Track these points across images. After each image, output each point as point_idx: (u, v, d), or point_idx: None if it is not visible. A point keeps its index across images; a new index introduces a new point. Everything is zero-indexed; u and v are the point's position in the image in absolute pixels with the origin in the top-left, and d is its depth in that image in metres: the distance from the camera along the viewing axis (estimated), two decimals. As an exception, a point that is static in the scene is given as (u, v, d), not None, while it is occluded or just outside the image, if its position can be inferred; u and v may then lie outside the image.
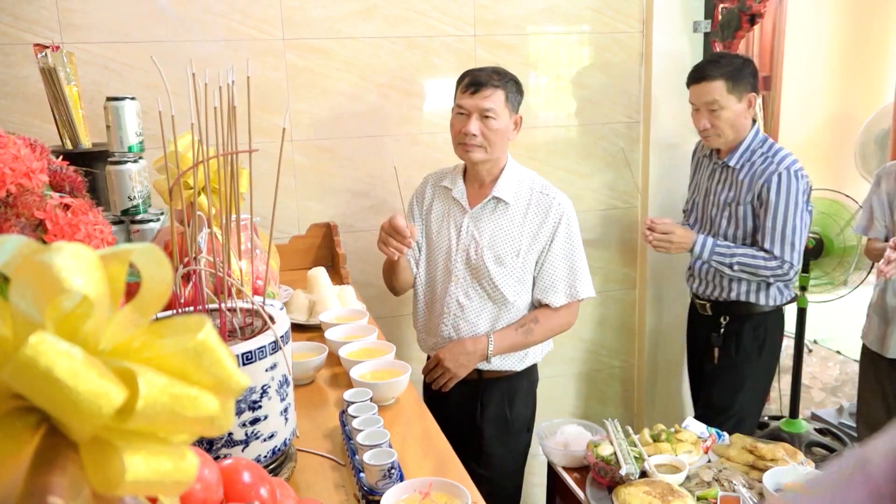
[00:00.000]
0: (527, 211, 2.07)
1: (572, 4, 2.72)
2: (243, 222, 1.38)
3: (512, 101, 2.02)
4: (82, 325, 0.41)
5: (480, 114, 1.97)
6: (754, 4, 2.62)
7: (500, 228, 2.07)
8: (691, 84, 2.41)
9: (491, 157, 2.03)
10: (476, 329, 2.12)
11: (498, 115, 1.98)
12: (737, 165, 2.42)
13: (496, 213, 2.08)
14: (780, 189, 2.31)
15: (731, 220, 2.43)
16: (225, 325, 1.09)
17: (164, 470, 0.42)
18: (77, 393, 0.37)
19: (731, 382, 2.55)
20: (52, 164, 0.96)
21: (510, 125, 2.03)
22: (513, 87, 2.03)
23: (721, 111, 2.34)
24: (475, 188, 2.12)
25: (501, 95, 1.99)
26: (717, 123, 2.36)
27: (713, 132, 2.39)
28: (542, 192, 2.08)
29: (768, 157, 2.38)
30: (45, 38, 2.13)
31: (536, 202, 2.07)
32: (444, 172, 2.23)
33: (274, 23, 2.41)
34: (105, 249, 0.46)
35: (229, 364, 0.46)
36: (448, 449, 1.30)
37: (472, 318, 2.12)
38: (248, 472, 0.86)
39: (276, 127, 2.32)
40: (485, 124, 1.98)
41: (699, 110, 2.39)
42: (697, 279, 2.58)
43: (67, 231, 0.86)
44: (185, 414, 0.42)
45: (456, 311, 2.11)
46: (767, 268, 2.35)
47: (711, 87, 2.33)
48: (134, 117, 1.83)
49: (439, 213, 2.17)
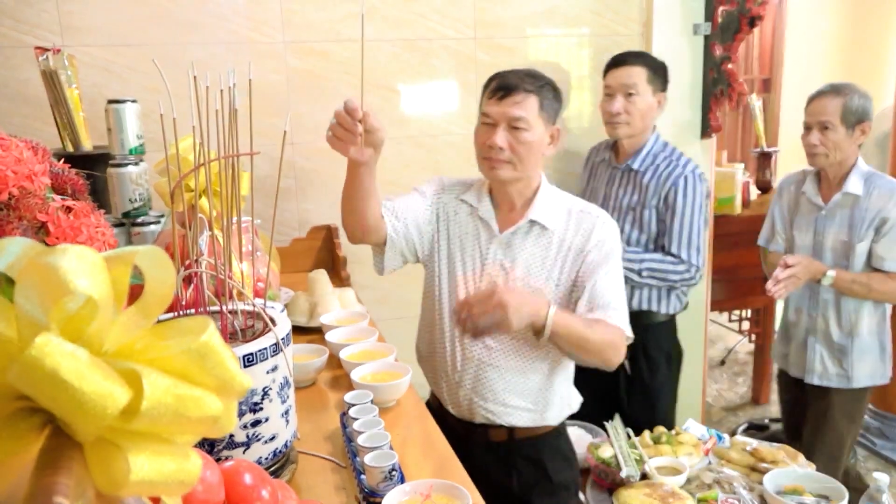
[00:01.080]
0: (565, 234, 1.73)
1: (572, 6, 2.73)
2: (244, 224, 1.39)
3: (548, 110, 1.71)
4: (87, 327, 0.42)
5: (509, 123, 1.66)
6: (754, 7, 2.63)
7: (535, 256, 1.73)
8: (612, 68, 2.37)
9: (521, 174, 1.71)
10: (504, 375, 1.74)
11: (530, 126, 1.66)
12: (641, 168, 2.36)
13: (529, 239, 1.73)
14: (687, 192, 2.28)
15: (634, 225, 2.36)
16: (226, 328, 1.09)
17: (168, 470, 0.42)
18: (82, 393, 0.38)
19: (646, 396, 2.49)
20: (53, 167, 0.96)
21: (545, 138, 1.71)
22: (549, 93, 1.72)
23: (637, 97, 2.31)
24: (504, 210, 1.78)
25: (535, 102, 1.67)
26: (631, 109, 2.32)
27: (624, 118, 2.33)
28: (582, 210, 1.75)
29: (672, 160, 2.34)
30: (46, 41, 2.13)
31: (576, 223, 1.73)
32: (464, 184, 1.86)
33: (274, 25, 2.42)
34: (109, 252, 0.47)
35: (232, 365, 0.46)
36: (449, 451, 1.30)
37: (499, 362, 1.74)
38: (249, 474, 0.86)
39: (277, 129, 2.32)
40: (514, 136, 1.67)
41: (613, 95, 2.34)
42: None
43: (69, 233, 0.86)
44: (189, 414, 0.42)
45: (481, 355, 1.73)
46: (676, 272, 2.29)
47: (633, 72, 2.31)
48: (135, 120, 1.83)
49: (459, 231, 1.80)
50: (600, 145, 2.59)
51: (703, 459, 2.14)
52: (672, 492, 1.88)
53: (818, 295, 2.46)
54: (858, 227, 2.36)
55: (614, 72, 2.36)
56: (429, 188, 1.85)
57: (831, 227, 2.40)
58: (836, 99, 2.26)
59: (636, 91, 2.31)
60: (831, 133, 2.26)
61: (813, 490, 1.94)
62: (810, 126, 2.29)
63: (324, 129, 2.51)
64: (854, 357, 2.44)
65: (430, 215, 1.82)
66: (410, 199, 1.80)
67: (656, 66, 2.35)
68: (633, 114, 2.33)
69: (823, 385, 2.50)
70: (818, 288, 2.43)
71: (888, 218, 2.29)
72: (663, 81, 2.37)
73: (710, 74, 2.81)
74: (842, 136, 2.27)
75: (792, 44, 5.20)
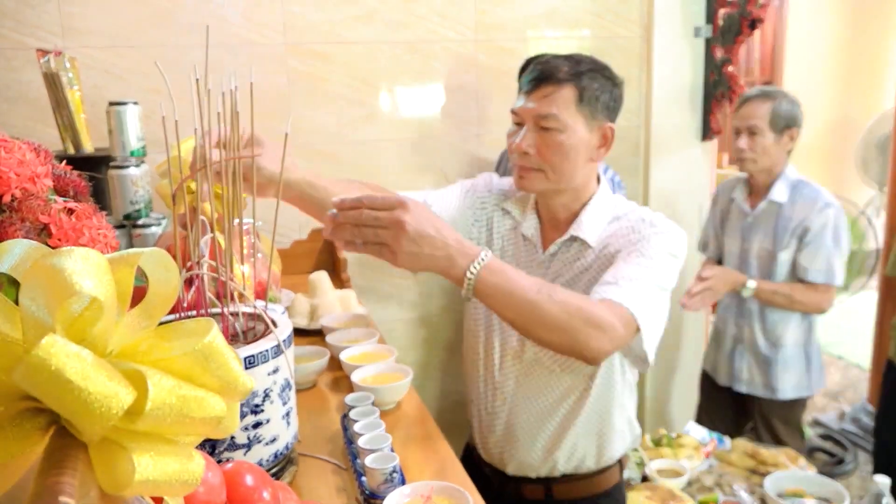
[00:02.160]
0: (605, 246, 1.44)
1: (572, 8, 2.73)
2: (246, 227, 1.39)
3: (591, 104, 1.38)
4: (92, 328, 0.42)
5: (536, 123, 1.37)
6: (755, 9, 2.63)
7: (580, 280, 1.45)
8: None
9: (557, 185, 1.41)
10: (542, 410, 1.53)
11: (563, 125, 1.36)
12: None
13: (569, 257, 1.46)
14: None
15: None
16: (227, 329, 1.10)
17: (172, 470, 0.42)
18: (87, 394, 0.38)
19: None
20: (55, 169, 0.96)
21: (590, 139, 1.39)
22: (595, 82, 1.37)
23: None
24: (548, 226, 1.51)
25: (571, 95, 1.35)
26: None
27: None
28: (643, 219, 1.43)
29: None
30: (47, 43, 2.14)
31: (621, 230, 1.43)
32: (506, 190, 1.59)
33: (275, 27, 2.42)
34: (113, 254, 0.47)
35: (235, 367, 0.46)
36: (450, 453, 1.30)
37: (533, 394, 1.51)
38: (250, 476, 0.87)
39: (278, 132, 2.32)
40: (543, 138, 1.38)
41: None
42: None
43: (71, 235, 0.86)
44: (193, 415, 0.42)
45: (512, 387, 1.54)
46: None
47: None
48: (136, 122, 1.84)
49: (501, 246, 1.56)
50: None
51: (704, 462, 2.14)
52: (673, 494, 1.88)
53: (744, 304, 2.44)
54: (781, 235, 2.33)
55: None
56: (477, 185, 1.58)
57: (756, 236, 2.38)
58: (766, 103, 2.26)
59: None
60: (759, 138, 2.26)
61: (814, 493, 1.94)
62: (739, 130, 2.28)
63: (325, 131, 2.54)
64: (779, 368, 2.41)
65: (470, 218, 1.55)
66: (448, 194, 1.55)
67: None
68: None
69: (750, 394, 2.48)
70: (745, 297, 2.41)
71: (810, 227, 2.26)
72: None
73: (710, 77, 2.81)
74: (770, 142, 2.26)
75: (792, 46, 5.21)
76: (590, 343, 1.22)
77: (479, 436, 1.61)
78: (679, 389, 3.13)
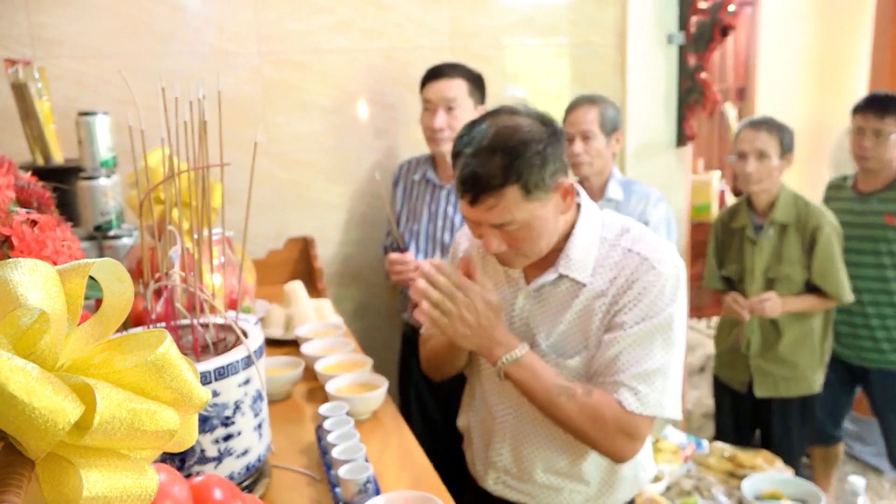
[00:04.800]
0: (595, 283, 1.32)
1: (548, 16, 2.75)
2: (216, 236, 1.38)
3: (538, 186, 1.21)
4: (39, 341, 0.41)
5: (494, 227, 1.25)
6: (726, 17, 2.66)
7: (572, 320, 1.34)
8: (430, 80, 2.21)
9: (540, 255, 1.31)
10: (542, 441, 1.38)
11: (518, 222, 1.23)
12: None
13: (558, 294, 1.34)
14: None
15: None
16: (197, 341, 1.08)
17: (123, 486, 0.41)
18: (32, 409, 0.37)
19: None
20: (19, 180, 0.95)
21: (553, 206, 1.26)
22: (529, 165, 1.19)
23: (459, 111, 2.17)
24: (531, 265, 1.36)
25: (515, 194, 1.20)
26: (454, 125, 2.17)
27: (448, 134, 2.16)
28: (630, 249, 1.30)
29: None
30: (16, 53, 2.11)
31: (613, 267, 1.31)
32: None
33: (249, 36, 2.41)
34: (64, 265, 0.46)
35: (190, 378, 0.45)
36: (425, 462, 1.29)
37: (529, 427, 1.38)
38: (219, 490, 0.85)
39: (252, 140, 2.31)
40: (508, 235, 1.27)
41: (435, 109, 2.19)
42: None
43: (34, 247, 0.85)
44: (145, 429, 0.41)
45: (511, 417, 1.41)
46: None
47: (454, 84, 2.18)
48: (106, 132, 1.81)
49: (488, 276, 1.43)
50: (412, 162, 2.42)
51: (683, 466, 2.15)
52: (653, 499, 1.88)
53: None
54: None
55: (433, 84, 2.21)
56: (459, 243, 1.53)
57: None
58: (593, 108, 2.32)
59: (457, 105, 2.18)
60: (594, 141, 2.32)
61: (790, 495, 1.95)
62: (572, 137, 2.33)
63: (301, 140, 2.53)
64: None
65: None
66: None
67: (475, 78, 2.24)
68: (456, 128, 2.08)
69: None
70: None
71: (650, 221, 2.35)
72: (482, 93, 2.27)
73: (684, 83, 2.84)
74: (602, 145, 2.32)
75: (766, 53, 5.27)
76: (615, 447, 1.26)
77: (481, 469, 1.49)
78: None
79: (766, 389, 2.50)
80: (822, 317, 2.51)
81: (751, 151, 2.42)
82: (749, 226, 2.51)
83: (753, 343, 2.51)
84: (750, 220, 2.52)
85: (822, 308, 2.46)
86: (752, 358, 2.51)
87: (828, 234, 2.39)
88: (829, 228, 2.40)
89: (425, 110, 2.24)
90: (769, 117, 2.50)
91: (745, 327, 2.49)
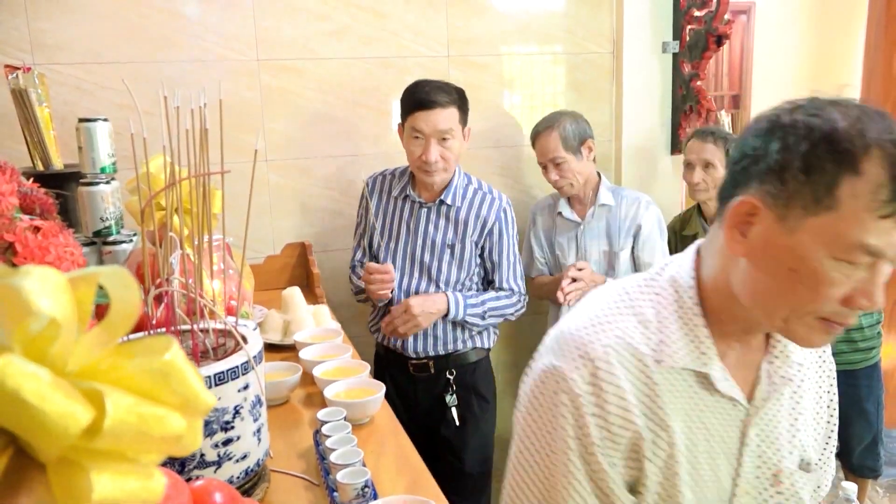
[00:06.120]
0: None
1: (544, 25, 2.77)
2: (216, 243, 1.39)
3: None
4: (50, 347, 0.42)
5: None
6: (720, 26, 2.68)
7: None
8: (420, 109, 2.06)
9: None
10: None
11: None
12: (456, 203, 2.17)
13: None
14: (508, 223, 2.20)
15: (452, 263, 2.18)
16: (197, 346, 1.09)
17: (131, 489, 0.42)
18: (44, 414, 0.38)
19: (482, 443, 2.29)
20: (22, 187, 0.96)
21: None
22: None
23: (453, 142, 2.08)
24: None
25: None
26: (448, 156, 2.09)
27: (442, 165, 2.09)
28: None
29: (486, 192, 2.20)
30: (16, 60, 2.12)
31: None
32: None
33: (248, 43, 2.43)
34: (73, 272, 0.47)
35: (196, 384, 0.46)
36: (422, 466, 1.30)
37: None
38: (219, 493, 0.86)
39: (251, 146, 2.32)
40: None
41: (424, 140, 2.06)
42: (411, 337, 2.19)
43: (37, 253, 0.86)
44: (152, 433, 0.43)
45: None
46: (511, 305, 2.22)
47: (447, 115, 2.06)
48: (106, 138, 1.82)
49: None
50: (386, 175, 2.31)
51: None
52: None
53: None
54: (616, 236, 2.46)
55: (425, 115, 2.05)
56: None
57: (592, 240, 2.48)
58: (553, 133, 2.37)
59: (451, 135, 2.07)
60: (565, 165, 2.35)
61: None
62: (545, 165, 2.37)
63: (299, 147, 2.54)
64: None
65: None
66: None
67: (463, 100, 2.13)
68: (450, 160, 2.10)
69: None
70: None
71: (642, 224, 2.39)
72: (467, 114, 2.16)
73: (679, 91, 2.86)
74: (574, 163, 2.35)
75: (760, 61, 5.31)
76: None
77: None
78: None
79: None
80: None
81: (697, 161, 2.46)
82: (701, 233, 2.52)
83: None
84: (701, 227, 2.54)
85: None
86: None
87: None
88: None
89: (413, 138, 2.08)
90: (717, 127, 2.54)
91: None
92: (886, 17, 2.83)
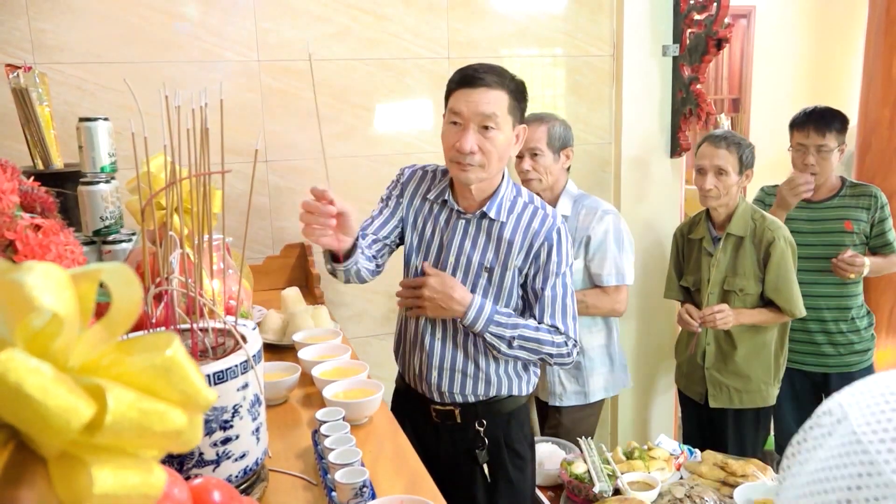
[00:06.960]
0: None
1: (544, 28, 2.77)
2: (216, 242, 1.39)
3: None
4: (52, 343, 0.42)
5: None
6: (720, 29, 2.69)
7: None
8: (463, 87, 1.67)
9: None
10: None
11: None
12: (500, 218, 1.74)
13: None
14: (560, 246, 1.73)
15: (488, 290, 1.75)
16: (196, 345, 1.10)
17: (132, 484, 0.43)
18: (46, 408, 0.38)
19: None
20: (22, 185, 0.96)
21: None
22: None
23: (497, 132, 1.66)
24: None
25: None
26: (488, 148, 1.66)
27: (480, 159, 1.66)
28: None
29: (538, 207, 1.76)
30: (17, 59, 2.12)
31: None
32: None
33: (248, 44, 2.43)
34: (76, 269, 0.47)
35: (197, 380, 0.47)
36: (420, 467, 1.31)
37: None
38: (218, 492, 0.86)
39: (251, 147, 2.32)
40: None
41: (463, 125, 1.66)
42: (435, 372, 1.79)
43: (38, 251, 0.86)
44: (153, 428, 0.43)
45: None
46: (553, 344, 1.72)
47: (493, 97, 1.65)
48: (106, 138, 1.83)
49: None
50: (427, 172, 1.89)
51: (675, 474, 2.16)
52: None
53: None
54: None
55: (468, 94, 1.66)
56: None
57: None
58: (541, 126, 2.34)
59: (494, 124, 1.65)
60: (541, 158, 2.34)
61: (782, 503, 1.96)
62: (522, 154, 2.36)
63: (298, 148, 2.54)
64: (586, 373, 2.48)
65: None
66: None
67: (519, 90, 1.73)
68: (490, 155, 1.66)
69: (562, 405, 2.51)
70: None
71: (592, 236, 2.35)
72: (523, 111, 1.76)
73: (678, 95, 2.87)
74: (550, 161, 2.35)
75: (760, 64, 5.32)
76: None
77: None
78: (652, 403, 3.16)
79: (719, 401, 2.51)
80: (777, 330, 2.51)
81: (710, 168, 2.42)
82: (707, 237, 2.52)
83: (709, 354, 2.52)
84: (708, 232, 2.53)
85: (775, 322, 2.46)
86: (707, 369, 2.52)
87: (782, 248, 2.39)
88: (784, 243, 2.40)
89: (451, 123, 1.68)
90: (730, 132, 2.51)
91: (700, 338, 2.51)
92: (886, 20, 2.84)
